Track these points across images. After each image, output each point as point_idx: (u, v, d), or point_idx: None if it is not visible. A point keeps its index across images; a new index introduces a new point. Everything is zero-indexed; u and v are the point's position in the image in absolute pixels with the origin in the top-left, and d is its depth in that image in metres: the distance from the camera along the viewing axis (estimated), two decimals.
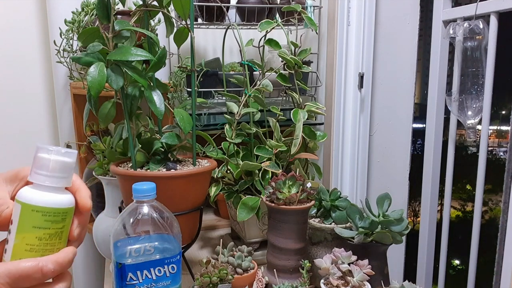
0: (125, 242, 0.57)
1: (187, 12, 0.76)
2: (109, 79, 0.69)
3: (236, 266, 0.81)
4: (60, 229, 0.43)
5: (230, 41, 1.09)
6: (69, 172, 0.44)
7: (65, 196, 0.44)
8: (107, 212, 0.93)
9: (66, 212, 0.44)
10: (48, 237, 0.43)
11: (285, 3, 1.20)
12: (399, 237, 0.75)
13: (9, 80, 1.23)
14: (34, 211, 0.42)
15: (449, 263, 3.76)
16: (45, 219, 0.42)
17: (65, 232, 0.44)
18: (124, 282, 0.56)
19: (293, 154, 0.96)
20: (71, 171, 0.45)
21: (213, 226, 1.22)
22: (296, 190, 0.78)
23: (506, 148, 0.96)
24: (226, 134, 0.95)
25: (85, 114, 0.79)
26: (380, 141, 1.29)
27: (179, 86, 1.05)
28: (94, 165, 0.93)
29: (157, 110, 0.74)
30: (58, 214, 0.43)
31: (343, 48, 1.18)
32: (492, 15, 0.99)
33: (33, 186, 0.43)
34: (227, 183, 0.99)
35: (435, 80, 1.17)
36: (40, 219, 0.42)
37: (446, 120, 1.20)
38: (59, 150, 0.43)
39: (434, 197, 1.24)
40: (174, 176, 0.77)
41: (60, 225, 0.43)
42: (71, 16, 1.02)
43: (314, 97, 1.27)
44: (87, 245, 1.27)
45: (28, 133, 1.27)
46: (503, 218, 0.95)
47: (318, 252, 0.86)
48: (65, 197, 0.44)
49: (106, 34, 0.72)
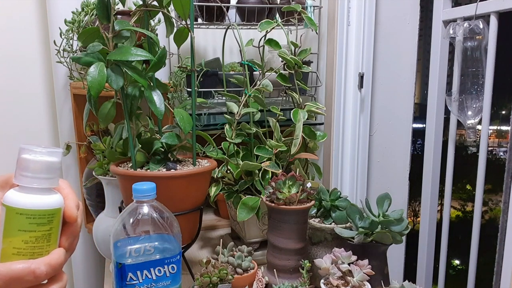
0: (125, 242, 0.57)
1: (187, 12, 0.76)
2: (109, 79, 0.69)
3: (236, 266, 0.81)
4: (47, 231, 0.42)
5: (230, 41, 1.09)
6: (54, 172, 0.43)
7: (51, 197, 0.43)
8: (107, 212, 0.93)
9: (53, 213, 0.42)
10: (35, 240, 0.41)
11: (285, 3, 1.20)
12: (399, 237, 0.75)
13: (9, 80, 1.23)
14: (18, 214, 0.41)
15: (449, 263, 3.76)
16: (29, 222, 0.41)
17: (54, 234, 0.43)
18: (124, 282, 0.56)
19: (293, 154, 0.96)
20: (57, 170, 0.43)
21: (213, 226, 1.22)
22: (296, 190, 0.78)
23: (506, 148, 0.96)
24: (226, 134, 0.95)
25: (85, 114, 0.79)
26: (380, 141, 1.29)
27: (179, 86, 1.05)
28: (94, 165, 0.93)
29: (157, 110, 0.74)
30: (43, 216, 0.42)
31: (343, 48, 1.18)
32: (492, 15, 0.99)
33: (18, 188, 0.42)
34: (227, 183, 0.99)
35: (435, 80, 1.17)
36: (25, 222, 0.41)
37: (446, 120, 1.20)
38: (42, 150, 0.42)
39: (434, 197, 1.24)
40: (174, 176, 0.77)
41: (46, 227, 0.42)
42: (71, 16, 1.02)
43: (314, 97, 1.27)
44: (87, 245, 1.27)
45: (28, 133, 1.27)
46: (503, 218, 0.95)
47: (318, 252, 0.86)
48: (51, 197, 0.43)
49: (106, 34, 0.72)
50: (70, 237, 0.45)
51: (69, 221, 0.44)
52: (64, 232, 0.45)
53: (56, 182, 0.44)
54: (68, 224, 0.45)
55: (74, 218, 0.44)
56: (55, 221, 0.43)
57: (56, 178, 0.44)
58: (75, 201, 0.45)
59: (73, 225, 0.45)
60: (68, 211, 0.44)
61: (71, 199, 0.45)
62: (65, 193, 0.45)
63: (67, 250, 0.44)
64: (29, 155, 0.42)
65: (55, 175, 0.43)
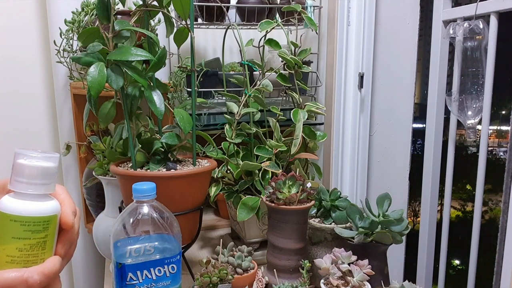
0: (125, 242, 0.57)
1: (187, 12, 0.76)
2: (109, 79, 0.69)
3: (236, 266, 0.81)
4: (42, 239, 0.41)
5: (230, 41, 1.09)
6: (50, 177, 0.42)
7: (47, 203, 0.41)
8: (107, 212, 0.93)
9: (48, 220, 0.41)
10: (30, 248, 0.40)
11: (285, 3, 1.20)
12: (399, 237, 0.75)
13: (9, 80, 1.23)
14: (12, 221, 0.39)
15: (449, 263, 3.76)
16: (24, 229, 0.40)
17: (49, 242, 0.42)
18: (124, 282, 0.56)
19: (293, 154, 0.96)
20: (54, 176, 0.42)
21: (213, 226, 1.22)
22: (296, 190, 0.78)
23: (506, 148, 0.96)
24: (226, 134, 0.95)
25: (85, 114, 0.79)
26: (380, 141, 1.29)
27: (179, 86, 1.05)
28: (94, 165, 0.93)
29: (157, 110, 0.74)
30: (38, 223, 0.40)
31: (343, 48, 1.18)
32: (492, 15, 0.99)
33: (13, 194, 0.41)
34: (227, 183, 0.99)
35: (435, 80, 1.17)
36: (19, 229, 0.40)
37: (446, 120, 1.20)
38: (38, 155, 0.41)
39: (434, 197, 1.24)
40: (174, 176, 0.77)
41: (41, 234, 0.41)
42: (71, 16, 1.02)
43: (314, 97, 1.27)
44: (87, 245, 1.27)
45: (28, 133, 1.27)
46: (503, 218, 0.95)
47: (318, 252, 0.86)
48: (47, 204, 0.41)
49: (106, 34, 0.72)
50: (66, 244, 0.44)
51: (65, 228, 0.43)
52: (60, 239, 0.43)
53: (52, 188, 0.42)
54: (64, 230, 0.44)
55: (70, 225, 0.43)
56: (51, 228, 0.41)
57: (52, 184, 0.42)
58: (72, 207, 0.44)
59: (70, 231, 0.44)
60: (64, 217, 0.43)
61: (67, 204, 0.44)
62: (61, 198, 0.44)
63: (63, 258, 0.43)
64: (24, 160, 0.40)
65: (51, 181, 0.42)
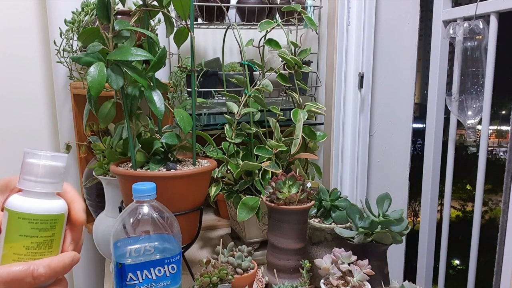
0: (125, 242, 0.57)
1: (187, 12, 0.76)
2: (109, 79, 0.69)
3: (236, 266, 0.81)
4: (49, 237, 0.41)
5: (230, 41, 1.09)
6: (58, 177, 0.42)
7: (55, 202, 0.42)
8: (107, 212, 0.93)
9: (55, 219, 0.42)
10: (36, 246, 0.41)
11: (285, 3, 1.20)
12: (399, 237, 0.75)
13: (9, 80, 1.23)
14: (20, 219, 0.40)
15: (449, 263, 3.76)
16: (31, 227, 0.40)
17: (56, 241, 0.42)
18: (124, 282, 0.56)
19: (293, 154, 0.96)
20: (62, 175, 0.43)
21: (213, 226, 1.22)
22: (296, 190, 0.78)
23: (506, 148, 0.96)
24: (226, 134, 0.95)
25: (85, 114, 0.79)
26: (380, 141, 1.29)
27: (179, 86, 1.06)
28: (94, 165, 0.93)
29: (157, 110, 0.74)
30: (45, 221, 0.41)
31: (343, 48, 1.18)
32: (492, 15, 0.99)
33: (22, 193, 0.42)
34: (227, 183, 0.99)
35: (435, 80, 1.17)
36: (27, 226, 0.40)
37: (446, 120, 1.20)
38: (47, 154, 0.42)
39: (434, 197, 1.24)
40: (174, 176, 0.77)
41: (49, 233, 0.41)
42: (71, 16, 1.02)
43: (314, 97, 1.27)
44: (87, 245, 1.27)
45: (28, 133, 1.27)
46: (503, 218, 0.95)
47: (318, 252, 0.86)
48: (54, 203, 0.42)
49: (106, 34, 0.72)
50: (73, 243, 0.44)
51: (76, 224, 0.44)
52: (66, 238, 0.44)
53: (60, 187, 0.43)
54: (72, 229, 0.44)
55: (82, 221, 0.44)
56: (58, 227, 0.42)
57: (60, 183, 0.43)
58: (82, 204, 0.45)
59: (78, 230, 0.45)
60: (75, 214, 0.44)
61: (77, 201, 0.44)
62: (70, 196, 0.44)
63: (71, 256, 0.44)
64: (33, 159, 0.41)
65: (59, 180, 0.43)
